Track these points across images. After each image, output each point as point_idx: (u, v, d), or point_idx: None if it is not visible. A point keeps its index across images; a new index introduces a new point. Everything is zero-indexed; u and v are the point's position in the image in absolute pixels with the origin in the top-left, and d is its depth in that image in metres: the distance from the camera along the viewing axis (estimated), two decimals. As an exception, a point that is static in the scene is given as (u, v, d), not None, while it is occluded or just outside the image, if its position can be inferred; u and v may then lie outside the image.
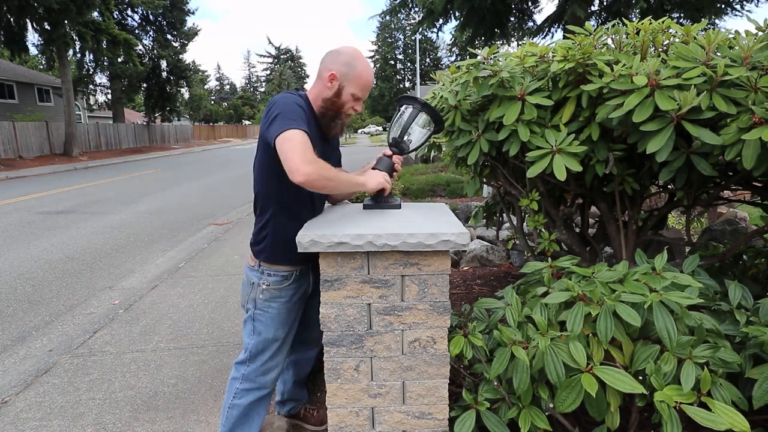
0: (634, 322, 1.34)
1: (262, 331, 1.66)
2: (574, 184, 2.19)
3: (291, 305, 1.69)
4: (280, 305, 1.66)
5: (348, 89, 1.54)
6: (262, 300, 1.65)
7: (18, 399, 2.49)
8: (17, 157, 16.96)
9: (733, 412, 1.23)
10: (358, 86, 1.54)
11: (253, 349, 1.68)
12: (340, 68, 1.52)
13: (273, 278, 1.64)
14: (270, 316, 1.66)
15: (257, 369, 1.68)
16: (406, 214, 1.69)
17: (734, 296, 1.58)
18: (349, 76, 1.53)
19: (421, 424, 1.57)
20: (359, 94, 1.56)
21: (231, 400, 1.70)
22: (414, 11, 11.30)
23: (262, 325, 1.66)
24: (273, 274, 1.64)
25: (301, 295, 1.73)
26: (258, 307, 1.66)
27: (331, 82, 1.53)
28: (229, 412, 1.70)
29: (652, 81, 1.50)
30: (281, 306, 1.66)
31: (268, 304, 1.65)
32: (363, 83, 1.55)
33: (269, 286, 1.64)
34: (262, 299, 1.65)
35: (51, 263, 4.88)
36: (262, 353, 1.68)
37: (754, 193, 2.13)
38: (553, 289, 1.63)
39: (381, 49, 59.90)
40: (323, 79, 1.54)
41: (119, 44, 21.21)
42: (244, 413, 1.70)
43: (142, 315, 3.55)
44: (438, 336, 1.51)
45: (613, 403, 1.38)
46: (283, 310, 1.67)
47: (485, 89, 1.87)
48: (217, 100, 58.68)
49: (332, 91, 1.54)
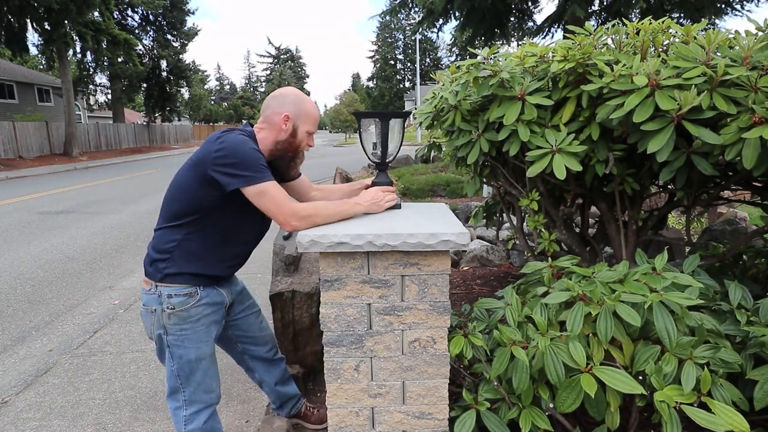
0: (634, 322, 1.34)
1: (183, 354, 1.55)
2: (574, 184, 2.19)
3: (205, 320, 1.58)
4: (194, 324, 1.55)
5: (302, 127, 1.59)
6: (172, 324, 1.53)
7: (18, 399, 2.49)
8: (17, 157, 16.96)
9: (733, 412, 1.23)
10: (310, 122, 1.61)
11: (181, 375, 1.57)
12: (291, 109, 1.57)
13: (175, 300, 1.51)
14: (186, 338, 1.55)
15: (196, 389, 1.59)
16: (406, 214, 1.69)
17: (734, 296, 1.58)
18: (300, 115, 1.58)
19: (421, 424, 1.57)
20: (312, 129, 1.63)
21: (185, 429, 1.60)
22: (414, 11, 11.29)
23: (181, 349, 1.55)
24: (174, 295, 1.51)
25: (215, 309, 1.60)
26: (171, 333, 1.54)
27: (285, 123, 1.57)
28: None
29: (652, 81, 1.50)
30: (195, 324, 1.55)
31: (180, 327, 1.53)
32: (314, 119, 1.63)
33: (174, 309, 1.51)
34: (171, 324, 1.53)
35: (51, 263, 4.89)
36: (193, 374, 1.58)
37: (754, 193, 2.13)
38: (553, 289, 1.63)
39: (381, 49, 59.89)
40: (276, 123, 1.57)
41: (119, 44, 21.21)
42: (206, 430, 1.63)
43: (142, 315, 3.55)
44: (438, 336, 1.51)
45: (613, 403, 1.38)
46: (199, 327, 1.56)
47: (485, 89, 1.87)
48: (217, 100, 58.67)
49: (287, 133, 1.57)
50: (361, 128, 1.83)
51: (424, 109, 2.32)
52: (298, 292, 2.33)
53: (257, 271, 4.50)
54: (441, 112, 2.24)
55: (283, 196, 1.47)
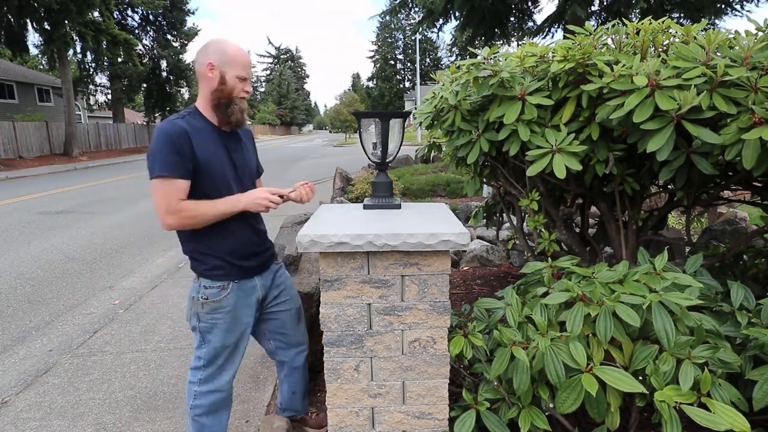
0: (634, 322, 1.34)
1: (212, 340, 1.65)
2: (574, 184, 2.19)
3: (235, 312, 1.66)
4: (224, 314, 1.64)
5: (230, 73, 1.55)
6: (205, 313, 1.63)
7: (18, 399, 2.49)
8: (17, 157, 16.96)
9: (733, 412, 1.23)
10: (237, 66, 1.56)
11: (206, 357, 1.67)
12: (215, 57, 1.54)
13: (210, 291, 1.62)
14: (216, 326, 1.64)
15: (214, 372, 1.68)
16: (406, 214, 1.69)
17: (736, 297, 1.58)
18: (227, 62, 1.54)
19: (421, 424, 1.57)
20: (243, 74, 1.57)
21: (192, 402, 1.69)
22: (414, 11, 11.29)
23: (210, 335, 1.65)
24: (209, 287, 1.62)
25: (246, 303, 1.69)
26: (202, 320, 1.64)
27: (211, 72, 1.54)
28: (192, 411, 1.70)
29: (652, 81, 1.50)
30: (225, 315, 1.64)
31: (212, 317, 1.63)
32: (242, 63, 1.57)
33: (207, 299, 1.62)
34: (204, 312, 1.63)
35: (51, 263, 4.88)
36: (216, 359, 1.67)
37: (754, 193, 2.13)
38: (553, 289, 1.63)
39: (381, 49, 59.86)
40: (204, 75, 1.56)
41: (119, 44, 21.21)
42: (209, 410, 1.70)
43: (142, 315, 3.55)
44: (438, 336, 1.51)
45: (613, 403, 1.38)
46: (228, 318, 1.64)
47: (485, 89, 1.87)
48: (217, 100, 58.50)
49: (216, 80, 1.54)
50: (361, 128, 1.83)
51: (424, 109, 2.32)
52: (299, 292, 2.33)
53: (257, 271, 4.50)
54: (441, 112, 2.23)
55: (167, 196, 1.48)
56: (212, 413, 1.72)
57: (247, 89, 1.61)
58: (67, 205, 8.27)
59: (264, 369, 2.70)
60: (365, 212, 1.76)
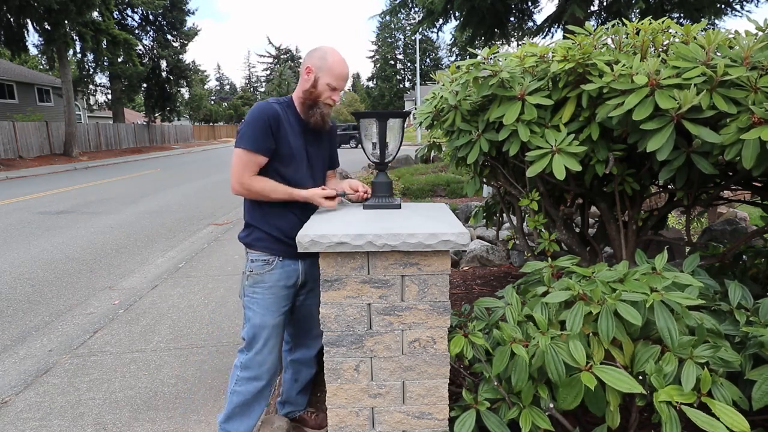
0: (635, 321, 1.34)
1: (251, 317, 1.76)
2: (574, 184, 2.19)
3: (276, 291, 1.76)
4: (264, 290, 1.75)
5: (323, 80, 1.69)
6: (248, 286, 1.76)
7: (18, 399, 2.49)
8: (17, 157, 16.96)
9: (733, 412, 1.23)
10: (332, 76, 1.69)
11: (246, 336, 1.77)
12: (315, 62, 1.69)
13: (255, 264, 1.75)
14: (256, 302, 1.75)
15: (253, 358, 1.77)
16: (406, 214, 1.69)
17: (734, 296, 1.58)
18: (323, 69, 1.68)
19: (421, 424, 1.57)
20: (334, 84, 1.70)
21: (233, 386, 1.79)
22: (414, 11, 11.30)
23: (250, 311, 1.76)
24: (255, 260, 1.75)
25: (286, 284, 1.79)
26: (246, 294, 1.77)
27: (308, 74, 1.70)
28: (231, 398, 1.79)
29: (652, 81, 1.50)
30: (265, 291, 1.75)
31: (253, 290, 1.75)
32: (336, 74, 1.70)
33: (252, 271, 1.75)
34: (248, 285, 1.76)
35: (51, 263, 4.89)
36: (255, 341, 1.76)
37: (754, 193, 2.13)
38: (553, 288, 1.63)
39: (381, 49, 59.85)
40: (302, 74, 1.73)
41: (119, 44, 21.20)
42: (246, 402, 1.78)
43: (142, 315, 3.55)
44: (438, 336, 1.51)
45: (612, 402, 1.38)
46: (268, 295, 1.75)
47: (485, 89, 1.87)
48: (217, 100, 58.67)
49: (309, 83, 1.70)
50: (361, 128, 1.83)
51: (424, 109, 2.32)
52: (298, 292, 2.32)
53: (257, 271, 4.50)
54: (441, 112, 2.23)
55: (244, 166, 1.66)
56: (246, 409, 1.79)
57: (334, 98, 1.74)
58: (67, 205, 8.28)
59: (264, 369, 2.70)
60: (365, 212, 1.76)
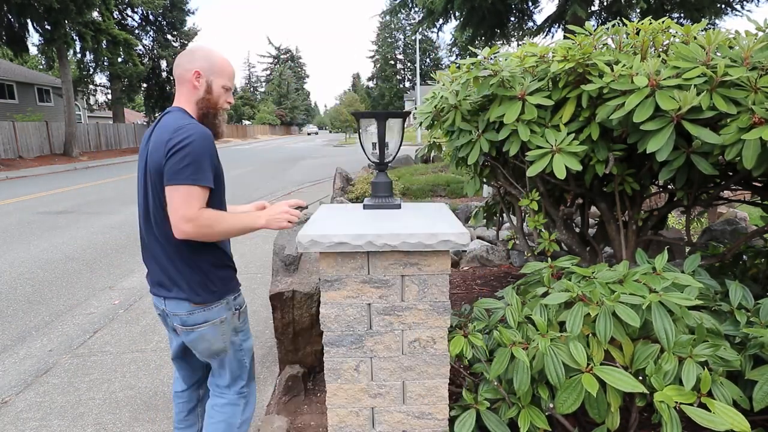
0: (633, 322, 1.34)
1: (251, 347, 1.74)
2: (574, 184, 2.19)
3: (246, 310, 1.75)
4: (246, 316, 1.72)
5: (217, 82, 1.49)
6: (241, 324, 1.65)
7: (18, 399, 2.49)
8: (17, 157, 16.96)
9: (733, 411, 1.23)
10: (225, 77, 1.51)
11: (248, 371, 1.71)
12: (202, 64, 1.47)
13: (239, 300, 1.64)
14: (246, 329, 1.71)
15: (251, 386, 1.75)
16: (406, 214, 1.69)
17: (735, 297, 1.58)
18: (214, 70, 1.48)
19: (421, 424, 1.57)
20: (229, 84, 1.53)
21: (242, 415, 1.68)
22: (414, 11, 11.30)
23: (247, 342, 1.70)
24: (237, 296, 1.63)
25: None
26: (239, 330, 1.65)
27: (198, 80, 1.47)
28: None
29: (652, 81, 1.50)
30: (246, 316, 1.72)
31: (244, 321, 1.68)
32: (228, 73, 1.52)
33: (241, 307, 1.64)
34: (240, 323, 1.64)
35: (51, 263, 4.89)
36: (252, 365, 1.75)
37: (754, 193, 2.13)
38: (553, 289, 1.63)
39: (381, 49, 59.87)
40: (189, 82, 1.47)
41: (119, 44, 21.22)
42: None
43: (142, 315, 3.55)
44: (438, 336, 1.51)
45: (613, 404, 1.38)
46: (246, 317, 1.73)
47: (486, 89, 1.87)
48: (217, 100, 58.47)
49: (203, 90, 1.48)
50: (361, 128, 1.83)
51: (424, 109, 2.32)
52: (298, 292, 2.33)
53: (257, 271, 4.50)
54: (441, 112, 2.23)
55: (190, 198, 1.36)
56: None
57: (230, 100, 1.56)
58: (67, 205, 8.27)
59: (264, 369, 2.70)
60: (365, 212, 1.76)
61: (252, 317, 3.44)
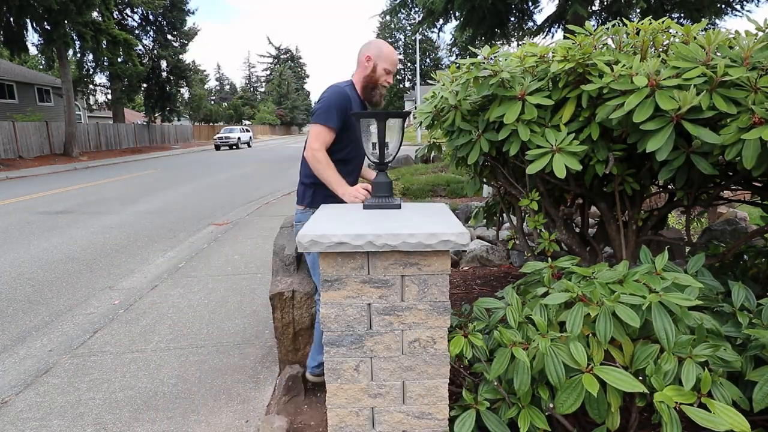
0: (633, 322, 1.34)
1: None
2: (574, 184, 2.19)
3: None
4: None
5: (380, 65, 2.10)
6: None
7: (18, 399, 2.49)
8: (17, 157, 16.96)
9: (733, 412, 1.23)
10: (387, 62, 2.11)
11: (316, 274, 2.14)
12: (373, 51, 2.10)
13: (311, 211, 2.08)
14: None
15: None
16: (406, 214, 1.69)
17: (737, 297, 1.58)
18: (380, 56, 2.10)
19: (421, 424, 1.57)
20: (389, 68, 2.12)
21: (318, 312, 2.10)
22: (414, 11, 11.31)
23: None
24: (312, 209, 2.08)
25: None
26: None
27: (368, 62, 2.10)
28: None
29: (652, 81, 1.50)
30: None
31: None
32: (391, 60, 2.13)
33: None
34: None
35: (51, 263, 4.88)
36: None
37: (754, 193, 2.12)
38: (553, 289, 1.63)
39: (381, 49, 59.85)
40: (362, 62, 2.13)
41: (119, 44, 21.22)
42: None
43: (142, 315, 3.55)
44: (438, 336, 1.50)
45: (613, 404, 1.38)
46: None
47: (485, 89, 1.86)
48: (217, 100, 58.64)
49: (369, 69, 2.11)
50: (361, 128, 1.83)
51: (424, 109, 2.32)
52: (298, 292, 2.33)
53: (257, 271, 4.50)
54: (441, 112, 2.23)
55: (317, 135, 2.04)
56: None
57: (389, 80, 2.15)
58: (67, 205, 8.27)
59: (264, 369, 2.70)
60: (365, 212, 1.76)
61: (252, 317, 3.45)
